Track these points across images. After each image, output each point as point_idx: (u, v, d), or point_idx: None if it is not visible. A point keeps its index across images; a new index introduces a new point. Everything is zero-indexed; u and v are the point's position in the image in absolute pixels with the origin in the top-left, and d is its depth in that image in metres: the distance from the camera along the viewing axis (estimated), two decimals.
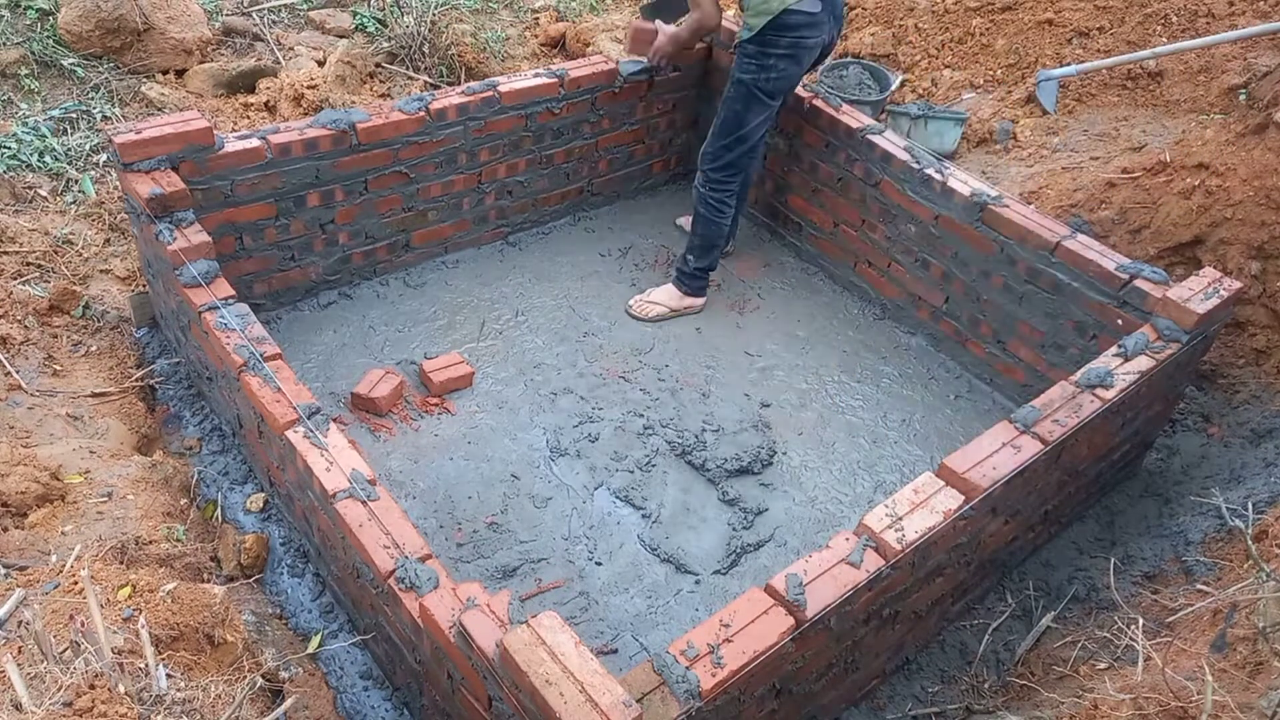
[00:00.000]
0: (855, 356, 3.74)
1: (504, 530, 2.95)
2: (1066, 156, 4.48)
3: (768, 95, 3.40)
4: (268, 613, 2.68)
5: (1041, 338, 3.36)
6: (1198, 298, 2.88)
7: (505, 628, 1.90)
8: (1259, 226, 3.43)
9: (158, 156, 3.01)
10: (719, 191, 3.61)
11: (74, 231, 3.74)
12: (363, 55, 4.96)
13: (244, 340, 2.65)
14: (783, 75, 3.35)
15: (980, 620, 2.87)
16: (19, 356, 3.20)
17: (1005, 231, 3.32)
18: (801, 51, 3.32)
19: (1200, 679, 1.92)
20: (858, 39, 5.59)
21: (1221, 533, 2.90)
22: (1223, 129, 3.80)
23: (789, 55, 3.30)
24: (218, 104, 4.63)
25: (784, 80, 3.39)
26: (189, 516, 2.84)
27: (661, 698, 1.82)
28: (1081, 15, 5.08)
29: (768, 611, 2.01)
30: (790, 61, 3.32)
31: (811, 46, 3.33)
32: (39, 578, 2.08)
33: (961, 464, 2.36)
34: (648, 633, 2.72)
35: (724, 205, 3.63)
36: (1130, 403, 2.75)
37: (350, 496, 2.27)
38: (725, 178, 3.58)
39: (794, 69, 3.36)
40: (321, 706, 2.43)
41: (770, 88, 3.38)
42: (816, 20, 3.26)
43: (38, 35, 4.42)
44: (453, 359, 3.44)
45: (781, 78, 3.36)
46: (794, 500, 3.15)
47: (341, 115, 3.37)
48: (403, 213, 3.72)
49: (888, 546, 2.16)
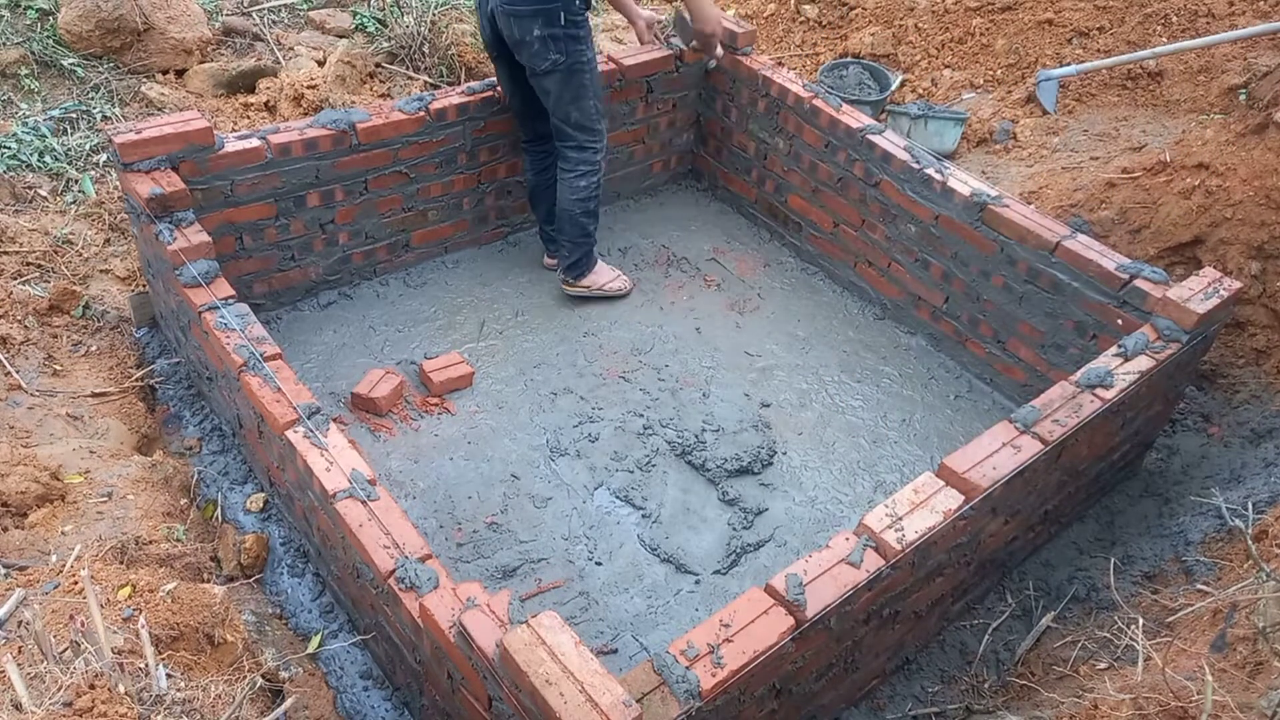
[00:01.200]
0: (855, 356, 3.74)
1: (504, 530, 2.95)
2: (1066, 156, 4.48)
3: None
4: (268, 613, 2.68)
5: (1041, 338, 3.36)
6: (1198, 298, 2.88)
7: (505, 628, 1.90)
8: (1259, 226, 3.43)
9: (158, 156, 3.01)
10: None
11: (74, 231, 3.74)
12: (363, 55, 4.96)
13: (244, 340, 2.65)
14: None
15: (980, 620, 2.87)
16: (19, 356, 3.20)
17: (1005, 231, 3.32)
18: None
19: (1200, 679, 1.92)
20: (858, 39, 5.59)
21: (1221, 533, 2.90)
22: (1223, 129, 3.80)
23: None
24: (218, 104, 4.63)
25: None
26: (189, 516, 2.84)
27: (661, 698, 1.82)
28: (1081, 15, 5.08)
29: (768, 611, 2.01)
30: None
31: (483, 28, 3.38)
32: (39, 578, 2.08)
33: (961, 464, 2.36)
34: (648, 633, 2.72)
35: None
36: (1130, 403, 2.75)
37: (350, 496, 2.27)
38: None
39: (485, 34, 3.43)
40: (321, 706, 2.43)
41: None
42: (478, 5, 3.31)
43: (38, 35, 4.42)
44: (453, 359, 3.44)
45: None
46: (794, 500, 3.15)
47: (341, 115, 3.37)
48: (403, 213, 3.72)
49: (888, 546, 2.16)
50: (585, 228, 3.67)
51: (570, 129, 3.48)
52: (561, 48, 3.24)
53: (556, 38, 3.21)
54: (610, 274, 3.88)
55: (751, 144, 4.22)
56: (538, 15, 3.17)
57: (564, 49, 3.25)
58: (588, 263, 3.78)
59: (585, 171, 3.55)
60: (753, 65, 4.06)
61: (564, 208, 3.63)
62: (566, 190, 3.59)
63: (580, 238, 3.69)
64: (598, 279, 3.82)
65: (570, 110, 3.42)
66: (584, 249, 3.73)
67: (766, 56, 4.23)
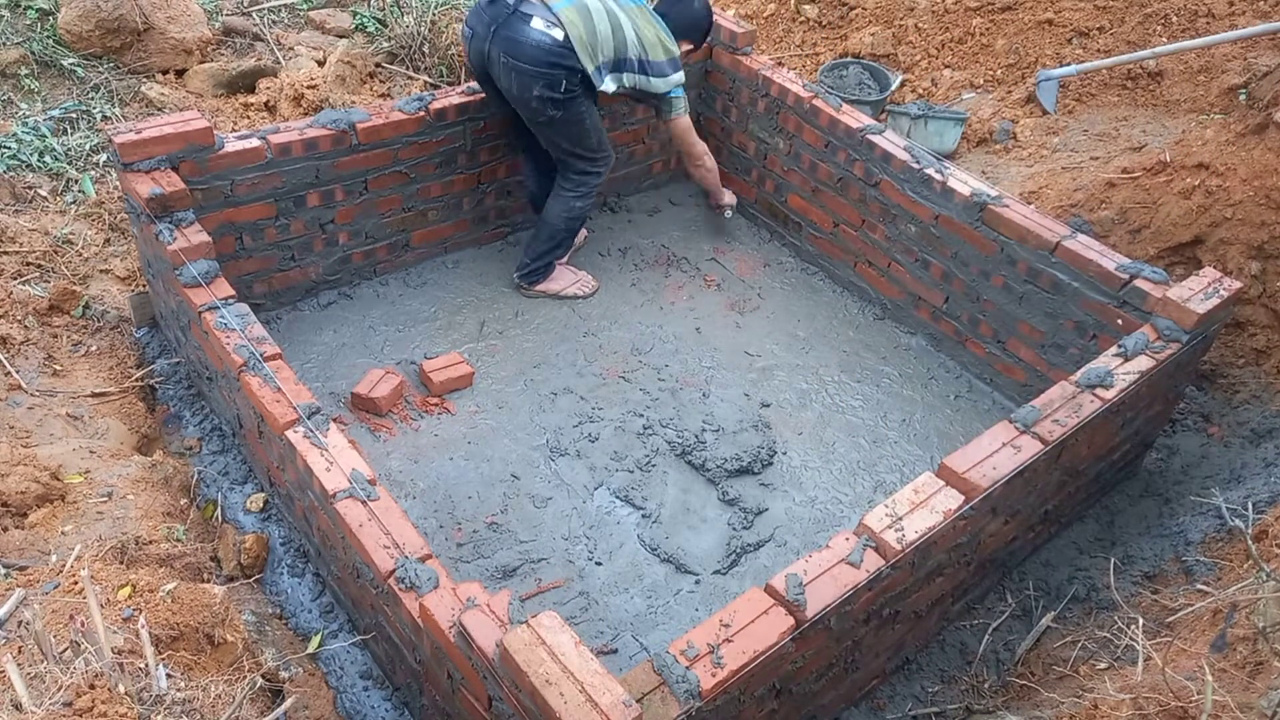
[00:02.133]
0: (855, 356, 3.74)
1: (504, 530, 2.95)
2: (1066, 156, 4.48)
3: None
4: (268, 613, 2.68)
5: (1041, 338, 3.36)
6: (1198, 298, 2.88)
7: (505, 628, 1.90)
8: (1259, 226, 3.43)
9: (158, 156, 3.01)
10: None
11: (74, 231, 3.74)
12: (363, 55, 4.96)
13: (244, 340, 2.65)
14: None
15: (980, 620, 2.87)
16: (19, 356, 3.20)
17: (1005, 231, 3.32)
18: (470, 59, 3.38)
19: (1200, 679, 1.92)
20: (858, 39, 5.59)
21: (1221, 533, 2.90)
22: (1223, 129, 3.80)
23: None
24: (218, 104, 4.63)
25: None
26: (189, 516, 2.84)
27: (661, 698, 1.82)
28: (1081, 15, 5.08)
29: (768, 611, 2.01)
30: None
31: (472, 58, 3.36)
32: (39, 578, 2.08)
33: (961, 464, 2.36)
34: (648, 633, 2.72)
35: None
36: (1130, 403, 2.75)
37: (350, 496, 2.27)
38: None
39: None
40: (321, 706, 2.43)
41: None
42: (477, 9, 3.29)
43: (38, 35, 4.42)
44: (453, 359, 3.44)
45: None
46: (794, 500, 3.15)
47: (341, 115, 3.37)
48: (403, 213, 3.72)
49: (888, 546, 2.16)
50: (558, 242, 3.71)
51: (571, 158, 3.52)
52: (560, 105, 3.25)
53: (555, 100, 3.23)
54: (570, 279, 3.87)
55: (751, 144, 4.22)
56: (540, 78, 3.16)
57: (562, 106, 3.26)
58: (545, 272, 3.80)
59: (584, 193, 3.59)
60: (753, 65, 4.06)
61: (550, 219, 3.65)
62: (560, 205, 3.61)
63: (549, 250, 3.73)
64: (553, 285, 3.83)
65: (570, 147, 3.46)
66: (547, 260, 3.76)
67: (766, 56, 4.23)
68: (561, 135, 3.39)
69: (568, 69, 3.20)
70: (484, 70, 3.34)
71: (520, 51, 3.14)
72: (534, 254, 3.74)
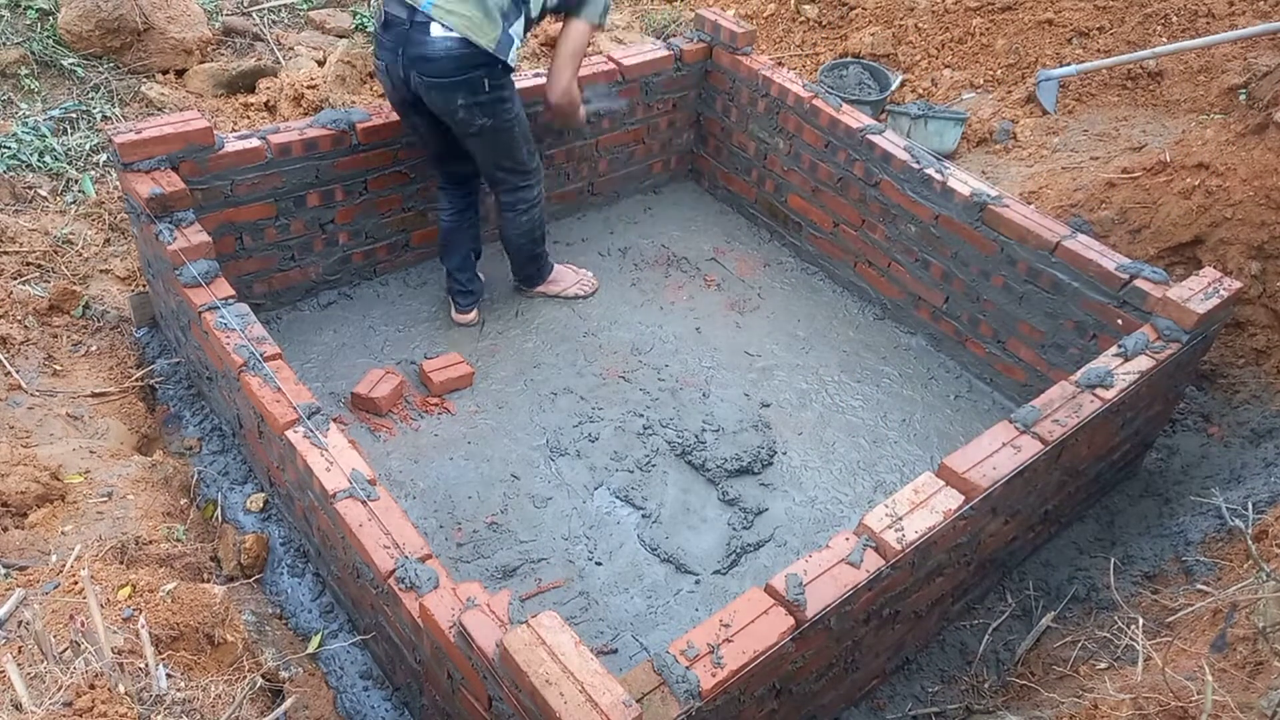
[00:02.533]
0: (855, 356, 3.74)
1: (504, 530, 2.95)
2: (1066, 156, 4.48)
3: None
4: (268, 613, 2.68)
5: (1041, 338, 3.36)
6: (1198, 298, 2.88)
7: (505, 628, 1.90)
8: (1259, 226, 3.43)
9: (158, 156, 3.01)
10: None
11: (74, 231, 3.74)
12: (363, 55, 4.96)
13: (244, 340, 2.65)
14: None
15: (980, 620, 2.87)
16: (19, 356, 3.20)
17: (1005, 231, 3.32)
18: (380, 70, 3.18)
19: (1200, 679, 1.92)
20: (858, 39, 5.59)
21: (1221, 533, 2.90)
22: (1223, 129, 3.80)
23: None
24: (218, 104, 4.64)
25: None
26: (189, 516, 2.84)
27: (661, 698, 1.82)
28: (1081, 15, 5.08)
29: (768, 611, 2.01)
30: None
31: (394, 93, 3.20)
32: (39, 578, 2.08)
33: (961, 464, 2.36)
34: (648, 633, 2.72)
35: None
36: (1130, 403, 2.75)
37: (350, 496, 2.27)
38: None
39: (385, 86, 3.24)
40: (321, 706, 2.43)
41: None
42: (379, 41, 3.11)
43: (38, 35, 4.42)
44: (453, 359, 3.44)
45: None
46: (794, 500, 3.15)
47: (341, 115, 3.37)
48: (403, 213, 3.72)
49: (888, 546, 2.16)
50: (535, 254, 3.72)
51: (503, 174, 3.42)
52: (488, 111, 3.14)
53: (482, 104, 3.11)
54: (571, 278, 3.87)
55: (751, 144, 4.22)
56: (459, 86, 3.04)
57: (490, 112, 3.15)
58: (541, 275, 3.82)
59: (525, 209, 3.52)
60: (753, 65, 4.06)
61: (513, 245, 3.66)
62: (511, 228, 3.57)
63: (529, 263, 3.75)
64: (554, 286, 3.85)
65: (501, 161, 3.37)
66: (533, 265, 3.77)
67: (766, 56, 4.23)
68: (491, 147, 3.29)
69: (483, 66, 3.04)
70: (411, 99, 3.16)
71: (432, 67, 3.01)
72: (519, 270, 3.79)
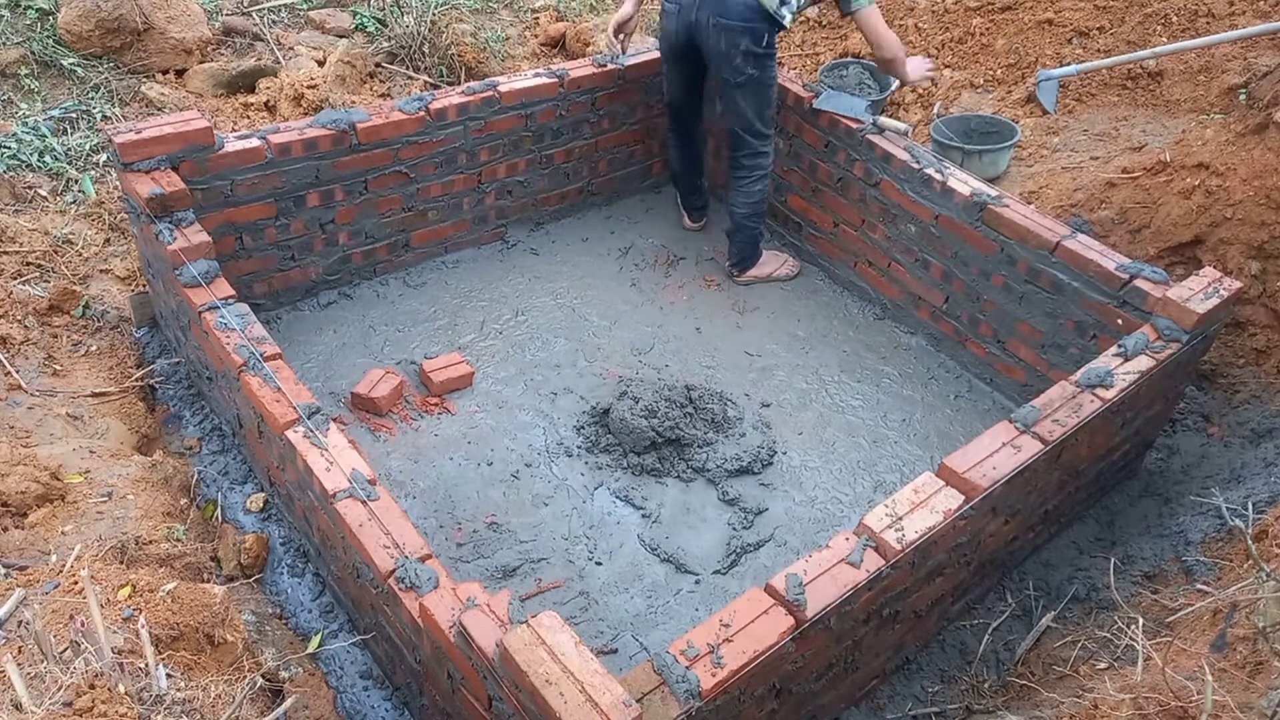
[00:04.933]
0: (855, 356, 3.74)
1: (504, 530, 2.95)
2: (1066, 156, 4.48)
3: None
4: (268, 613, 2.68)
5: (1041, 337, 3.36)
6: (1198, 297, 2.88)
7: (505, 628, 1.90)
8: (1259, 226, 3.43)
9: (158, 156, 3.01)
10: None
11: (74, 231, 3.74)
12: (363, 55, 4.97)
13: (244, 340, 2.65)
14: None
15: (980, 620, 2.87)
16: (19, 356, 3.20)
17: (1005, 231, 3.32)
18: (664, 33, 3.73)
19: (1200, 679, 1.92)
20: (858, 39, 5.59)
21: (1221, 533, 2.90)
22: (1223, 129, 3.80)
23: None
24: (218, 104, 4.63)
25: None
26: (189, 516, 2.84)
27: (661, 698, 1.82)
28: (1081, 15, 5.08)
29: (768, 611, 2.01)
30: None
31: (675, 33, 3.64)
32: (39, 578, 2.08)
33: (961, 464, 2.36)
34: (648, 633, 2.72)
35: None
36: (1130, 403, 2.75)
37: (350, 496, 2.27)
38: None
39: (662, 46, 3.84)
40: (321, 706, 2.43)
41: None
42: (671, 10, 3.61)
43: (38, 35, 4.42)
44: (453, 359, 3.44)
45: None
46: (794, 500, 3.15)
47: (341, 115, 3.37)
48: (403, 213, 3.72)
49: (888, 546, 2.16)
50: (754, 233, 3.95)
51: (749, 136, 3.74)
52: (758, 63, 3.54)
53: (757, 54, 3.52)
54: (776, 262, 4.10)
55: None
56: (746, 32, 3.47)
57: (759, 64, 3.55)
58: (753, 257, 4.03)
59: (760, 176, 3.82)
60: None
61: (738, 217, 3.90)
62: (742, 197, 3.86)
63: (749, 242, 3.97)
64: (763, 269, 4.06)
65: (752, 119, 3.70)
66: (750, 247, 4.00)
67: None
68: (750, 101, 3.64)
69: (766, 21, 3.46)
70: (685, 43, 3.60)
71: (729, 10, 3.44)
72: (737, 248, 3.99)
